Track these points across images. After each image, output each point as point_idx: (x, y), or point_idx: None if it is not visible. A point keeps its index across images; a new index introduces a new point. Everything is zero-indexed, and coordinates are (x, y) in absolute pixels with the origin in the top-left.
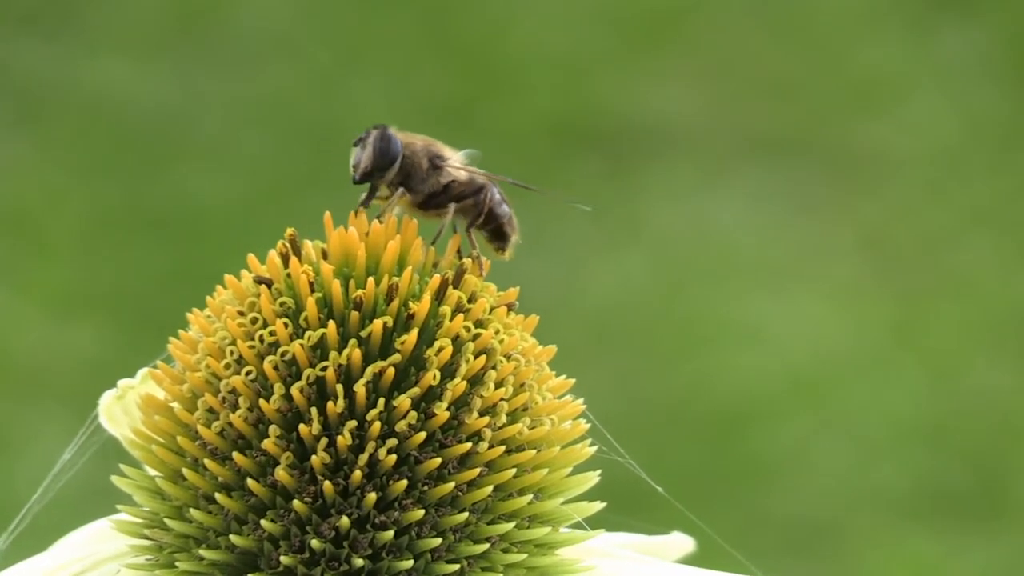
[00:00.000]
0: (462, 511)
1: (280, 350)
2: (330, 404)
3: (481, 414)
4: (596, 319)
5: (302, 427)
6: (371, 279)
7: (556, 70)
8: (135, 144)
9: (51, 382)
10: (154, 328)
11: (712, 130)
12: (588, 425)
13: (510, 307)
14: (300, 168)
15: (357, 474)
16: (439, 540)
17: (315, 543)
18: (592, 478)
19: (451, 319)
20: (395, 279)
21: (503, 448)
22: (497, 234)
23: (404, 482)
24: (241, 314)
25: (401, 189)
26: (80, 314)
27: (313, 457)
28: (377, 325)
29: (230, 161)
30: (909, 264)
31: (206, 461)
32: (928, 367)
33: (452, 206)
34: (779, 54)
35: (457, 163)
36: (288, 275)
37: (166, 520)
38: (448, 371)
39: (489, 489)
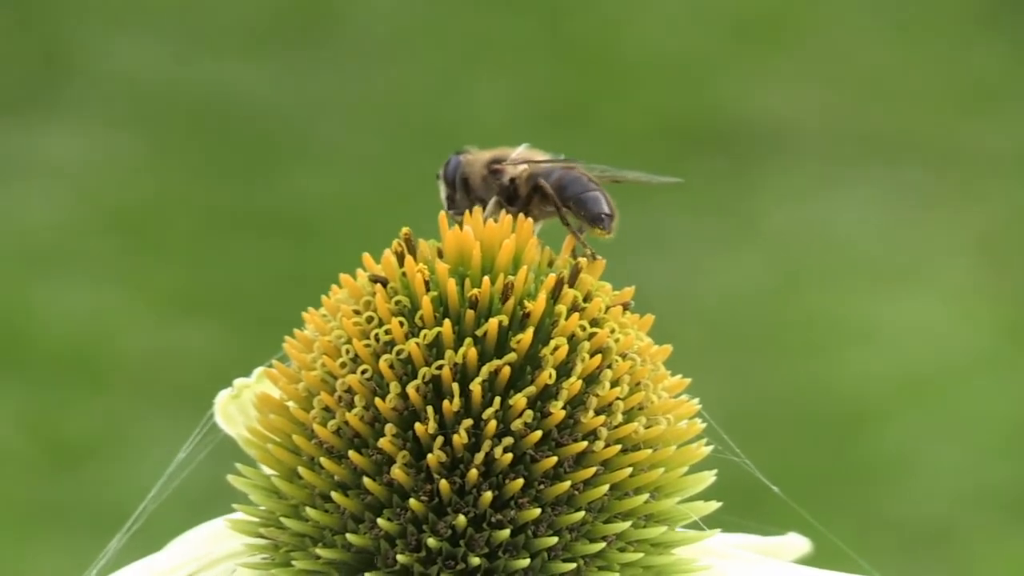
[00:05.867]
0: (578, 510)
1: (396, 349)
2: (446, 403)
3: (597, 413)
4: (713, 318)
5: (418, 426)
6: (486, 278)
7: (673, 71)
8: (250, 144)
9: (166, 382)
10: (267, 328)
11: (828, 131)
12: (704, 425)
13: (625, 306)
14: (415, 169)
15: (473, 473)
16: (555, 539)
17: (431, 542)
18: (708, 477)
19: (567, 318)
20: (510, 278)
21: (619, 447)
22: (586, 219)
23: (520, 481)
24: (357, 313)
25: (496, 199)
26: (194, 314)
27: (429, 455)
28: (493, 324)
29: (345, 162)
30: None
31: (322, 460)
32: None
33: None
34: (894, 56)
35: (517, 160)
36: (404, 274)
37: (282, 519)
38: (564, 370)
39: (605, 488)
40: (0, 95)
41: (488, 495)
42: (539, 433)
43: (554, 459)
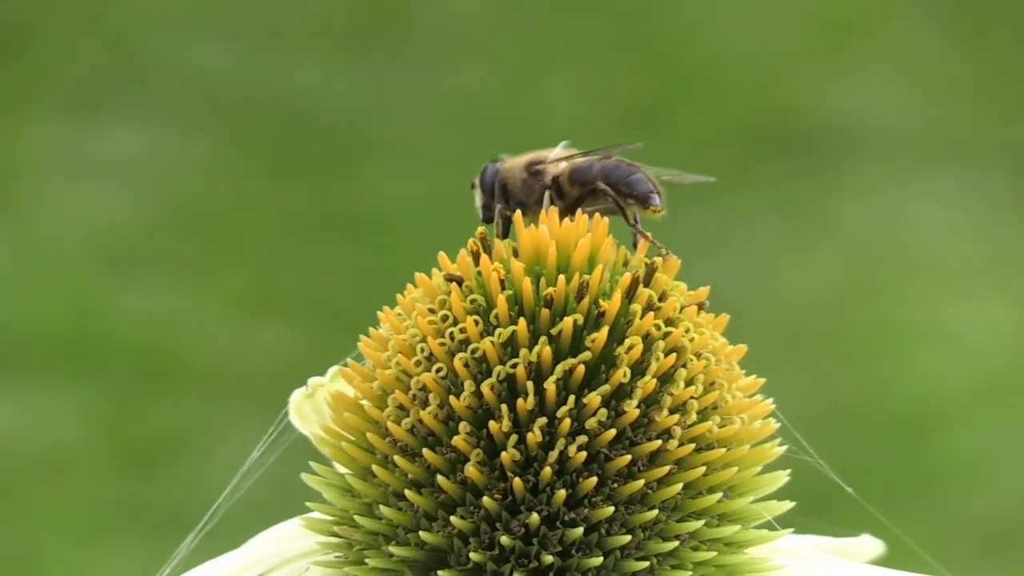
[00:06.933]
0: (652, 508)
1: (471, 347)
2: (520, 401)
3: (671, 412)
4: (787, 319)
5: (492, 424)
6: (562, 277)
7: (747, 71)
8: (325, 144)
9: (239, 382)
10: (343, 328)
11: (903, 132)
12: (778, 424)
13: (700, 306)
14: None
15: (547, 471)
16: (629, 537)
17: (505, 540)
18: (781, 477)
19: (641, 317)
20: (586, 277)
21: (693, 446)
22: (637, 200)
23: (594, 479)
24: (432, 312)
25: (549, 193)
26: (269, 314)
27: (503, 454)
28: (568, 323)
29: (421, 161)
30: None
31: (396, 458)
32: None
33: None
34: (966, 57)
35: (556, 159)
36: (479, 273)
37: (356, 517)
38: (638, 369)
39: (679, 487)
40: (73, 94)
41: (562, 493)
42: (613, 431)
43: (628, 457)
